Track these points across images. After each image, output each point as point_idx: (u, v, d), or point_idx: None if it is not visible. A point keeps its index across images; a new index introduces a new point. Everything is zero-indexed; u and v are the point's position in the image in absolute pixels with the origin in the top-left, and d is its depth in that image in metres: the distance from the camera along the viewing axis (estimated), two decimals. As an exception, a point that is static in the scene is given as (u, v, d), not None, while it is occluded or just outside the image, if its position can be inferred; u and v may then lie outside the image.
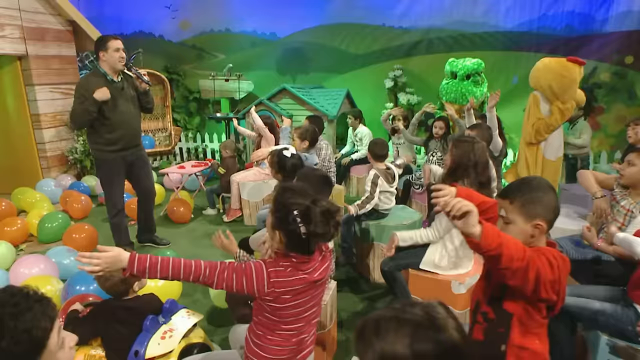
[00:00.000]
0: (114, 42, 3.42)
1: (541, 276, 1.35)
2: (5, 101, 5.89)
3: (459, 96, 5.16)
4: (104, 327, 1.90)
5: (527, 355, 1.50)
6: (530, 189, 1.51)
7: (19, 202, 5.13)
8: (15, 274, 3.18)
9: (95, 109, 3.35)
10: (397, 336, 0.83)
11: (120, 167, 3.69)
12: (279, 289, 1.51)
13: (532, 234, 1.48)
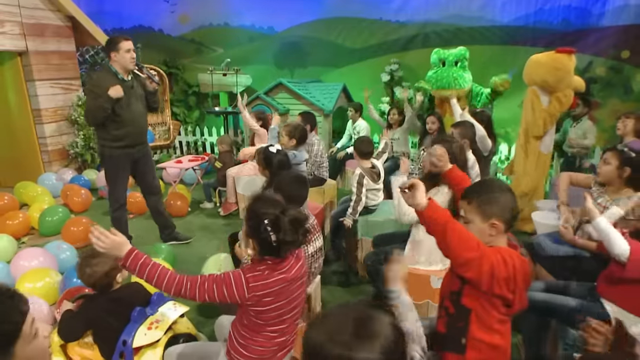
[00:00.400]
0: (125, 43, 3.51)
1: (495, 271, 1.44)
2: (7, 97, 5.99)
3: (451, 81, 5.22)
4: (95, 319, 2.00)
5: (486, 348, 1.59)
6: (487, 190, 1.59)
7: (21, 195, 5.26)
8: (16, 266, 3.31)
9: (110, 106, 3.45)
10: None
11: (125, 163, 3.79)
12: (259, 292, 1.60)
13: (490, 233, 1.56)
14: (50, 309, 2.79)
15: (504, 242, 1.61)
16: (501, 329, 1.60)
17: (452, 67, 5.07)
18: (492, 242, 1.58)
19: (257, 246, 1.64)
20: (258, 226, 1.60)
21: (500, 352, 1.62)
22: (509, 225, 1.59)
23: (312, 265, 2.41)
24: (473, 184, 1.74)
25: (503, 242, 1.61)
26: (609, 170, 2.52)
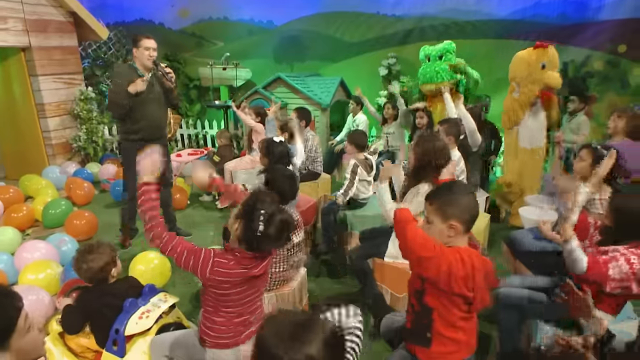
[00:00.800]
0: (145, 41, 3.66)
1: (453, 270, 1.54)
2: (11, 91, 6.13)
3: (433, 75, 5.30)
4: (90, 311, 2.14)
5: (450, 343, 1.70)
6: (447, 193, 1.68)
7: (26, 188, 5.42)
8: (19, 258, 3.45)
9: (128, 102, 3.60)
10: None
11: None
12: (219, 277, 1.73)
13: (449, 233, 1.65)
14: (52, 300, 2.93)
15: (464, 243, 1.70)
16: (464, 326, 1.71)
17: (435, 62, 5.12)
18: (451, 242, 1.67)
19: (241, 230, 1.73)
20: (252, 212, 1.70)
21: (463, 346, 1.73)
22: (469, 227, 1.68)
23: (290, 259, 2.53)
24: (436, 187, 1.84)
25: (463, 242, 1.70)
26: (583, 166, 2.61)
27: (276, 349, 0.98)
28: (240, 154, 5.94)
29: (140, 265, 3.26)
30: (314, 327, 1.03)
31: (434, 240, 1.60)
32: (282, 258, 2.48)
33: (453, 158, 3.22)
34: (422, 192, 2.53)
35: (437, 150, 2.59)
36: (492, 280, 1.75)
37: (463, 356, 1.74)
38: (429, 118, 4.78)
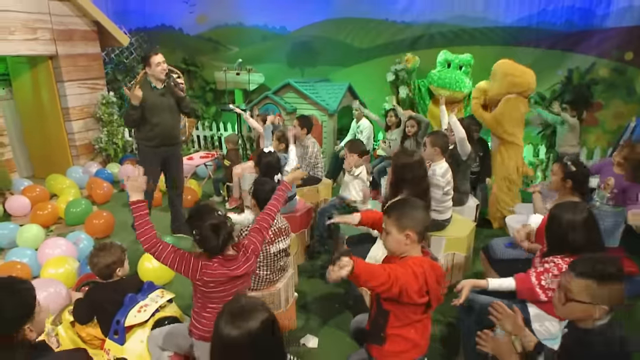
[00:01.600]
0: (155, 57, 4.04)
1: (406, 289, 1.74)
2: (40, 97, 6.58)
3: (453, 82, 5.41)
4: (96, 305, 2.44)
5: (402, 341, 1.91)
6: (402, 207, 1.89)
7: (51, 187, 5.84)
8: (42, 254, 3.81)
9: (135, 111, 3.96)
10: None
11: (154, 160, 4.29)
12: (206, 278, 2.00)
13: (405, 242, 1.85)
14: (68, 292, 3.25)
15: (418, 250, 1.91)
16: (417, 326, 1.91)
17: (455, 70, 5.28)
18: (407, 251, 1.88)
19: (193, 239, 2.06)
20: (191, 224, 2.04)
21: (415, 344, 1.94)
22: (422, 236, 1.89)
23: (276, 263, 2.77)
24: (392, 202, 2.04)
25: (417, 250, 1.90)
26: (555, 180, 2.76)
27: (223, 326, 1.25)
28: (249, 158, 6.23)
29: (147, 263, 3.57)
30: (255, 311, 1.28)
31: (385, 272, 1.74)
32: (268, 262, 2.72)
33: (441, 169, 3.42)
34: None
35: (414, 164, 2.78)
36: (441, 281, 1.95)
37: (414, 356, 1.95)
38: (418, 127, 4.94)
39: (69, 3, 6.36)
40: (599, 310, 1.47)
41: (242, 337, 1.26)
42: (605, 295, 1.46)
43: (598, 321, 1.50)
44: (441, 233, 3.45)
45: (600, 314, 1.48)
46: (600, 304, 1.46)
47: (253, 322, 1.28)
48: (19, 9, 5.77)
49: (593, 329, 1.51)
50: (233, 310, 1.31)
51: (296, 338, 2.95)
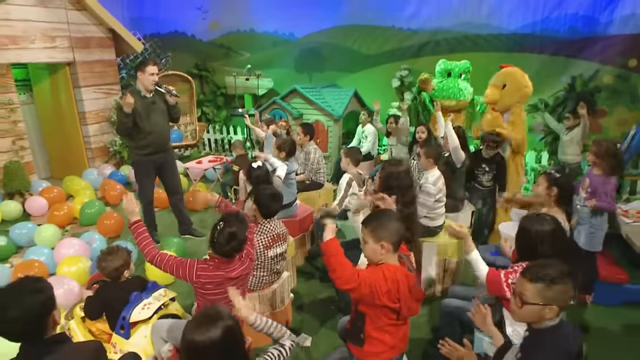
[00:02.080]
0: (150, 67, 4.14)
1: (375, 289, 1.90)
2: (58, 101, 6.88)
3: (457, 92, 5.52)
4: (105, 303, 2.64)
5: (379, 344, 2.07)
6: (378, 219, 2.04)
7: (68, 188, 6.12)
8: (58, 253, 4.05)
9: (127, 119, 4.04)
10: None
11: (150, 168, 4.44)
12: (203, 280, 2.20)
13: (380, 252, 2.00)
14: (80, 289, 3.48)
15: (394, 259, 2.05)
16: (391, 330, 2.06)
17: (457, 79, 5.37)
18: (383, 259, 2.02)
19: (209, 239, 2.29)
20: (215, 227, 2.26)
21: (392, 346, 2.09)
22: (397, 247, 2.03)
23: (273, 267, 2.94)
24: (370, 214, 2.20)
25: (393, 259, 2.05)
26: (540, 190, 2.87)
27: (188, 333, 1.42)
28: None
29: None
30: (217, 320, 1.45)
31: (355, 270, 1.93)
32: (265, 265, 2.89)
33: (433, 177, 3.55)
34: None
35: (400, 174, 2.92)
36: (416, 292, 2.10)
37: (390, 356, 2.10)
38: (429, 133, 5.05)
39: (86, 12, 6.65)
40: (550, 311, 1.61)
41: (203, 343, 1.43)
42: (555, 296, 1.60)
43: (550, 322, 1.64)
44: (433, 239, 3.58)
45: (551, 314, 1.62)
46: (550, 304, 1.60)
47: (215, 330, 1.44)
48: (39, 18, 6.07)
49: (546, 329, 1.65)
50: (198, 318, 1.49)
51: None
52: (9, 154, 5.92)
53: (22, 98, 6.77)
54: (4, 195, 5.77)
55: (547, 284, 1.61)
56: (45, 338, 1.64)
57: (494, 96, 4.40)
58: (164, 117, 4.41)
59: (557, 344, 1.63)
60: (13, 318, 1.54)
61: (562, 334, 1.66)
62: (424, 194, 3.47)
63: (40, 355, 1.59)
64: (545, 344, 1.65)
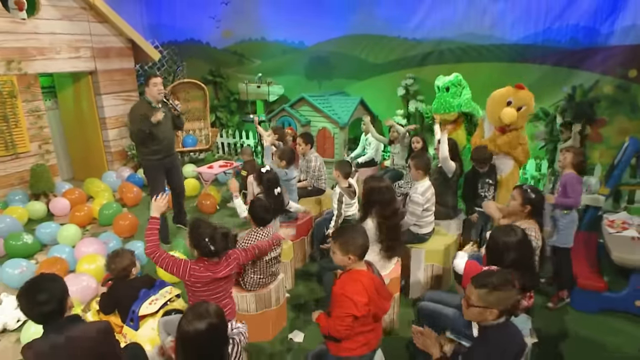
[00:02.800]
0: (153, 79, 4.62)
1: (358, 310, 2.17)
2: (81, 107, 7.32)
3: (441, 106, 5.72)
4: (116, 299, 2.97)
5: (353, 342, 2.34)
6: (345, 235, 2.31)
7: (88, 190, 6.54)
8: (78, 251, 4.42)
9: (147, 128, 4.51)
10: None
11: (161, 171, 4.89)
12: (193, 279, 2.50)
13: (348, 262, 2.30)
14: (97, 285, 3.83)
15: (361, 265, 2.33)
16: (366, 334, 2.33)
17: (443, 93, 5.58)
18: (351, 266, 2.31)
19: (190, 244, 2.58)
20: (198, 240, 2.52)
21: (365, 343, 2.35)
22: (362, 257, 2.32)
23: (268, 269, 3.22)
24: (338, 230, 2.48)
25: (361, 265, 2.33)
26: (515, 205, 3.08)
27: (181, 325, 1.72)
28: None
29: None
30: (204, 313, 1.74)
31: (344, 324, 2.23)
32: (261, 268, 3.17)
33: (422, 187, 3.78)
34: (369, 228, 3.10)
35: (382, 189, 3.15)
36: (384, 291, 2.35)
37: (364, 352, 2.37)
38: (424, 143, 5.26)
39: (107, 24, 7.07)
40: (491, 314, 1.86)
41: (191, 333, 1.73)
42: (495, 301, 1.85)
43: (495, 321, 1.88)
44: (422, 246, 3.81)
45: (492, 316, 1.86)
46: (490, 308, 1.85)
47: (201, 324, 1.74)
48: (64, 31, 6.51)
49: (491, 327, 1.90)
50: (189, 313, 1.79)
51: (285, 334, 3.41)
52: (35, 157, 6.37)
53: (47, 104, 7.22)
54: (30, 196, 6.21)
55: (488, 290, 1.85)
56: (63, 318, 1.98)
57: (513, 118, 4.37)
58: (171, 125, 4.86)
59: (500, 341, 1.88)
60: (44, 300, 1.92)
61: (507, 332, 1.90)
62: (413, 203, 3.69)
63: (60, 331, 1.93)
64: (489, 340, 1.90)
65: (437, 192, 4.26)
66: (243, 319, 3.20)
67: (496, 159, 4.52)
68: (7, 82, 5.85)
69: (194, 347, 1.74)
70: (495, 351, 1.86)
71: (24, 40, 6.05)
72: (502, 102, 4.38)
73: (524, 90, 4.45)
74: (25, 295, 1.96)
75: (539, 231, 3.00)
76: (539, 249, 2.98)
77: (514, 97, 4.36)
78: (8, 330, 3.49)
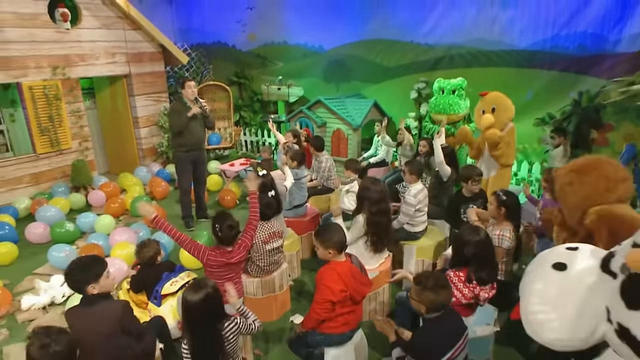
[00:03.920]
0: (188, 82, 5.34)
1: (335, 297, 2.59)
2: (116, 108, 8.00)
3: (446, 107, 6.05)
4: (145, 280, 3.51)
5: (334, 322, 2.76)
6: (325, 233, 2.73)
7: (122, 183, 7.20)
8: (112, 239, 5.02)
9: (187, 121, 5.24)
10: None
11: (188, 162, 5.56)
12: (210, 262, 2.98)
13: (329, 255, 2.72)
14: (128, 268, 4.40)
15: (342, 257, 2.75)
16: (346, 310, 2.75)
17: (449, 95, 5.88)
18: (332, 259, 2.73)
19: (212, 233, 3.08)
20: (214, 224, 3.03)
21: (345, 323, 2.78)
22: (341, 250, 2.74)
23: (271, 258, 3.69)
24: (319, 228, 2.90)
25: (341, 257, 2.75)
26: (492, 209, 3.44)
27: (184, 295, 2.20)
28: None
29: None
30: (203, 286, 2.21)
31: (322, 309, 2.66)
32: (264, 256, 3.64)
33: (415, 190, 4.16)
34: (359, 221, 3.53)
35: (371, 188, 3.52)
36: (361, 278, 2.77)
37: (345, 330, 2.80)
38: (430, 146, 5.58)
39: (140, 31, 7.68)
40: (420, 308, 2.27)
41: (191, 301, 2.19)
42: (423, 298, 2.27)
43: (431, 314, 2.28)
44: (414, 243, 4.20)
45: (422, 310, 2.28)
46: (421, 302, 2.26)
47: (199, 294, 2.20)
48: (103, 38, 7.16)
49: (429, 319, 2.33)
50: (190, 286, 2.27)
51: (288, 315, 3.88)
52: (76, 154, 7.07)
53: (86, 104, 7.91)
54: (71, 188, 6.91)
55: (421, 289, 2.26)
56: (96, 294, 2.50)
57: (489, 120, 4.83)
58: (201, 123, 5.47)
59: (438, 330, 2.28)
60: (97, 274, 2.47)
61: (444, 323, 2.30)
62: (406, 204, 4.08)
63: (93, 302, 2.46)
64: (426, 330, 2.32)
65: (433, 194, 4.67)
66: (250, 302, 3.72)
67: (482, 161, 4.84)
68: (52, 86, 6.54)
69: (192, 313, 2.21)
70: (432, 339, 2.26)
71: (68, 48, 6.72)
72: (479, 114, 4.78)
73: (489, 94, 4.83)
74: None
75: (513, 232, 3.36)
76: (513, 248, 3.34)
77: (482, 105, 4.81)
78: (55, 303, 4.11)
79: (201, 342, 2.23)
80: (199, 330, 2.23)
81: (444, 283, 2.31)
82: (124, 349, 2.49)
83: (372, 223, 3.47)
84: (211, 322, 2.27)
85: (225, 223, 3.01)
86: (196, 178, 5.78)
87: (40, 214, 5.75)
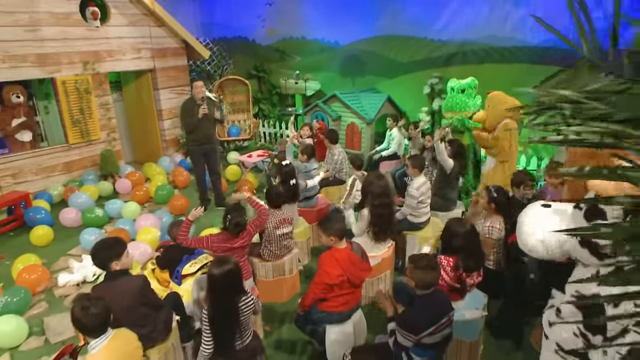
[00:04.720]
0: (196, 83, 5.74)
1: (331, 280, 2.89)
2: (142, 101, 8.43)
3: (454, 105, 6.24)
4: (169, 260, 3.88)
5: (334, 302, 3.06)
6: (326, 222, 3.02)
7: (146, 172, 7.63)
8: (138, 224, 5.43)
9: (197, 119, 5.63)
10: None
11: (199, 154, 5.98)
12: (215, 248, 3.34)
13: (331, 241, 3.01)
14: (152, 251, 4.80)
15: (343, 244, 3.04)
16: (345, 291, 3.05)
17: (458, 94, 6.07)
18: (334, 245, 3.02)
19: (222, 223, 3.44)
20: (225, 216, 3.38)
21: (344, 303, 3.08)
22: (342, 237, 3.02)
23: (281, 243, 4.01)
24: (321, 219, 3.19)
25: (342, 244, 3.04)
26: (483, 203, 3.68)
27: (210, 269, 2.53)
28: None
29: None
30: (227, 261, 2.54)
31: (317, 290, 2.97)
32: (275, 241, 3.97)
33: (417, 183, 4.41)
34: (365, 214, 3.81)
35: (375, 182, 3.80)
36: (360, 264, 3.06)
37: (344, 309, 3.10)
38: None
39: (165, 27, 8.05)
40: (412, 283, 2.55)
41: (216, 274, 2.53)
42: (414, 276, 2.54)
43: (422, 291, 2.56)
44: (417, 233, 4.46)
45: (412, 285, 2.55)
46: (412, 279, 2.54)
47: (223, 268, 2.54)
48: (129, 35, 7.56)
49: (419, 295, 2.59)
50: (215, 261, 2.60)
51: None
52: (104, 144, 7.53)
53: (113, 97, 8.34)
54: (100, 176, 7.39)
55: (414, 267, 2.54)
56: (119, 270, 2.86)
57: (479, 115, 5.41)
58: (211, 118, 5.88)
59: (426, 307, 2.56)
60: (119, 252, 2.83)
61: (431, 302, 2.58)
62: (409, 196, 4.34)
63: (116, 278, 2.82)
64: (415, 307, 2.59)
65: (437, 187, 4.92)
66: (262, 284, 4.06)
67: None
68: (83, 81, 6.99)
69: (215, 284, 2.56)
70: (421, 313, 2.55)
71: (97, 44, 7.14)
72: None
73: (489, 94, 5.25)
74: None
75: (502, 224, 3.59)
76: (502, 238, 3.59)
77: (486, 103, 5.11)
78: (87, 281, 4.55)
79: (220, 310, 2.57)
80: (219, 300, 2.58)
81: (434, 265, 2.58)
82: (145, 317, 2.86)
83: (375, 215, 3.75)
84: (231, 293, 2.61)
85: (235, 219, 3.40)
86: (209, 169, 6.18)
87: (72, 200, 6.22)
